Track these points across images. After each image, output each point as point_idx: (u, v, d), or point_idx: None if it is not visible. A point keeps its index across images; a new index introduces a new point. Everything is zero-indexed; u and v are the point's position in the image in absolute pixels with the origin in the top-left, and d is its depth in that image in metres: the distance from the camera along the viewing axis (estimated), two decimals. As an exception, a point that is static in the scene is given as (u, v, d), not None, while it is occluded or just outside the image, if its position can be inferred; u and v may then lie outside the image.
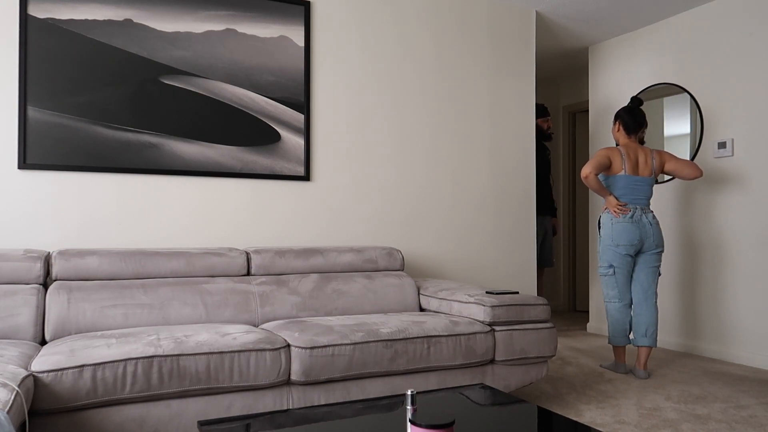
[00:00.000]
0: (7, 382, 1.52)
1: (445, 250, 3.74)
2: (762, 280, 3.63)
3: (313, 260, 2.94)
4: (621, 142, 3.47)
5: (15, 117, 2.72)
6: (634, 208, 3.34)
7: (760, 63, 3.66)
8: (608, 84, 4.74)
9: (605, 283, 3.42)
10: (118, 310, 2.37)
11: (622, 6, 4.03)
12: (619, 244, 3.32)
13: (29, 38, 2.72)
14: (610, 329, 3.42)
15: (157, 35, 2.97)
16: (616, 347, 3.43)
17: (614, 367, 3.45)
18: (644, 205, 3.37)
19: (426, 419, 1.20)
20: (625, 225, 3.31)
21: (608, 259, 3.38)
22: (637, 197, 3.36)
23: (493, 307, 2.56)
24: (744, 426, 2.48)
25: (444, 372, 2.46)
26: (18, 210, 2.72)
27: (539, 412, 1.63)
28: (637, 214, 3.33)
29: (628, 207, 3.34)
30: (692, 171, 3.34)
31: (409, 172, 3.64)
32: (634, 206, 3.34)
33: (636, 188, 3.35)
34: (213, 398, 2.02)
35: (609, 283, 3.39)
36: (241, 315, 2.59)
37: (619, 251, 3.33)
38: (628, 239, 3.30)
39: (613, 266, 3.36)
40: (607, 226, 3.37)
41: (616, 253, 3.34)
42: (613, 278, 3.37)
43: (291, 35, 3.28)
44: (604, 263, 3.41)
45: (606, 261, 3.39)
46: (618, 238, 3.32)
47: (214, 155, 3.08)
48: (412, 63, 3.66)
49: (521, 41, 4.06)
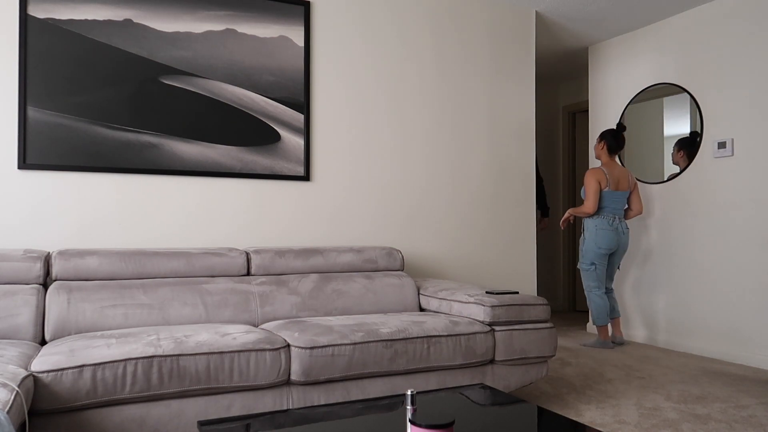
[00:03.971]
0: (7, 382, 1.52)
1: (444, 250, 3.74)
2: (762, 280, 3.63)
3: (313, 260, 2.94)
4: (603, 159, 4.12)
5: (15, 117, 2.72)
6: (613, 217, 4.04)
7: (760, 63, 3.66)
8: (608, 84, 4.74)
9: (587, 276, 4.11)
10: (118, 310, 2.37)
11: (622, 6, 4.03)
12: (600, 246, 4.03)
13: (29, 38, 2.72)
14: (595, 313, 4.09)
15: (157, 35, 2.97)
16: (601, 327, 4.11)
17: (601, 344, 4.11)
18: (621, 215, 4.07)
19: (426, 419, 1.20)
20: (607, 232, 4.01)
21: (591, 258, 4.07)
22: (615, 208, 4.04)
23: (493, 307, 2.56)
24: (744, 426, 2.48)
25: (444, 372, 2.46)
26: (18, 210, 2.72)
27: (539, 412, 1.63)
28: (615, 222, 4.04)
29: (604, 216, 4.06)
30: (641, 208, 4.14)
31: (409, 172, 3.64)
32: (613, 215, 4.04)
33: (615, 200, 4.03)
34: (213, 398, 2.02)
35: (591, 276, 4.10)
36: (241, 315, 2.59)
37: (600, 252, 4.05)
38: (608, 244, 4.03)
39: (594, 264, 4.07)
40: (592, 231, 4.05)
41: (597, 253, 4.05)
42: (594, 273, 4.09)
43: (291, 35, 3.28)
44: (586, 261, 4.10)
45: (588, 259, 4.08)
46: (600, 242, 4.02)
47: (214, 155, 3.08)
48: (411, 63, 3.66)
49: (521, 41, 4.06)
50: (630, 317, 4.51)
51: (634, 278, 4.47)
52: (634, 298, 4.48)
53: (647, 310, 4.37)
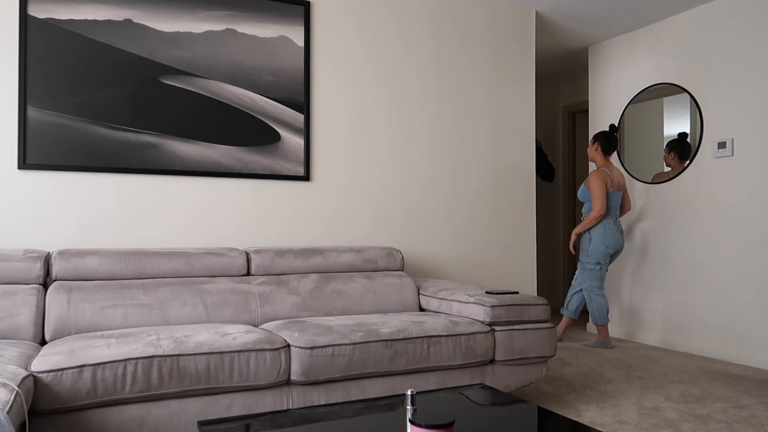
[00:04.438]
0: (7, 382, 1.52)
1: (444, 250, 3.74)
2: (762, 279, 3.63)
3: (313, 260, 2.94)
4: (599, 161, 4.16)
5: (15, 117, 2.72)
6: (615, 217, 4.09)
7: (760, 63, 3.66)
8: (608, 84, 4.74)
9: (592, 276, 4.09)
10: (118, 310, 2.37)
11: (622, 6, 4.03)
12: (608, 246, 4.04)
13: (29, 38, 2.72)
14: (597, 313, 4.08)
15: (157, 35, 2.97)
16: (602, 327, 4.11)
17: (601, 344, 4.11)
18: (618, 214, 4.15)
19: (426, 419, 1.20)
20: (613, 231, 4.05)
21: (597, 257, 4.06)
22: (616, 207, 4.09)
23: (493, 307, 2.56)
24: (744, 426, 2.48)
25: (444, 372, 2.46)
26: (18, 210, 2.72)
27: (539, 412, 1.63)
28: (617, 221, 4.09)
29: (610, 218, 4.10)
30: (630, 206, 4.21)
31: (409, 172, 3.64)
32: (615, 215, 4.09)
33: (616, 200, 4.07)
34: (213, 398, 2.02)
35: (595, 276, 4.08)
36: (241, 315, 2.59)
37: (608, 251, 4.06)
38: (614, 243, 4.06)
39: (600, 263, 4.07)
40: (600, 231, 4.05)
41: (605, 253, 4.05)
42: (599, 272, 4.08)
43: (291, 35, 3.28)
44: (592, 260, 4.08)
45: (595, 259, 4.06)
46: (608, 242, 4.04)
47: (214, 155, 3.08)
48: (412, 63, 3.66)
49: (521, 41, 4.06)
50: (630, 317, 4.51)
51: (635, 278, 4.47)
52: (634, 298, 4.47)
53: (647, 310, 4.37)
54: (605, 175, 4.02)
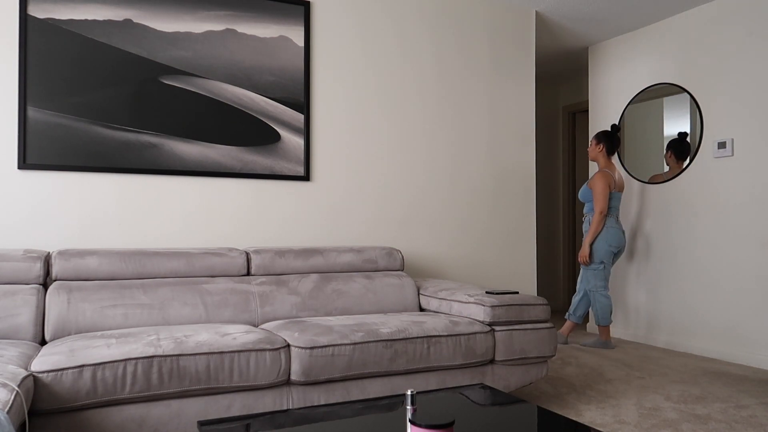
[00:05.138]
0: (7, 382, 1.52)
1: (444, 250, 3.74)
2: (762, 280, 3.63)
3: (312, 260, 2.94)
4: (601, 161, 4.16)
5: (15, 117, 2.72)
6: (617, 217, 4.11)
7: (760, 63, 3.66)
8: (608, 84, 4.74)
9: (596, 276, 4.10)
10: (118, 310, 2.37)
11: (622, 6, 4.03)
12: (612, 245, 4.06)
13: (29, 38, 2.72)
14: (600, 313, 4.10)
15: (157, 35, 2.97)
16: (604, 327, 4.13)
17: (601, 344, 4.12)
18: (619, 214, 4.25)
19: (426, 419, 1.20)
20: (617, 230, 4.07)
21: (601, 256, 4.08)
22: (617, 207, 4.12)
23: (493, 307, 2.56)
24: (744, 426, 2.48)
25: (444, 372, 2.46)
26: (18, 210, 2.72)
27: (539, 412, 1.63)
28: (619, 221, 4.12)
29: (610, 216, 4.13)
30: None
31: (409, 172, 3.64)
32: (617, 215, 4.12)
33: (618, 200, 4.12)
34: (213, 398, 2.02)
35: (599, 275, 4.10)
36: (241, 315, 2.59)
37: (611, 250, 4.08)
38: (618, 242, 4.08)
39: (603, 262, 4.09)
40: (604, 231, 4.07)
41: (608, 252, 4.07)
42: (602, 272, 4.10)
43: (291, 35, 3.28)
44: (596, 260, 4.09)
45: (599, 258, 4.08)
46: (612, 241, 4.06)
47: (214, 155, 3.08)
48: (411, 63, 3.66)
49: (521, 41, 4.06)
50: (630, 317, 4.51)
51: (635, 278, 4.47)
52: (634, 298, 4.47)
53: (647, 309, 4.37)
54: (609, 176, 4.04)
